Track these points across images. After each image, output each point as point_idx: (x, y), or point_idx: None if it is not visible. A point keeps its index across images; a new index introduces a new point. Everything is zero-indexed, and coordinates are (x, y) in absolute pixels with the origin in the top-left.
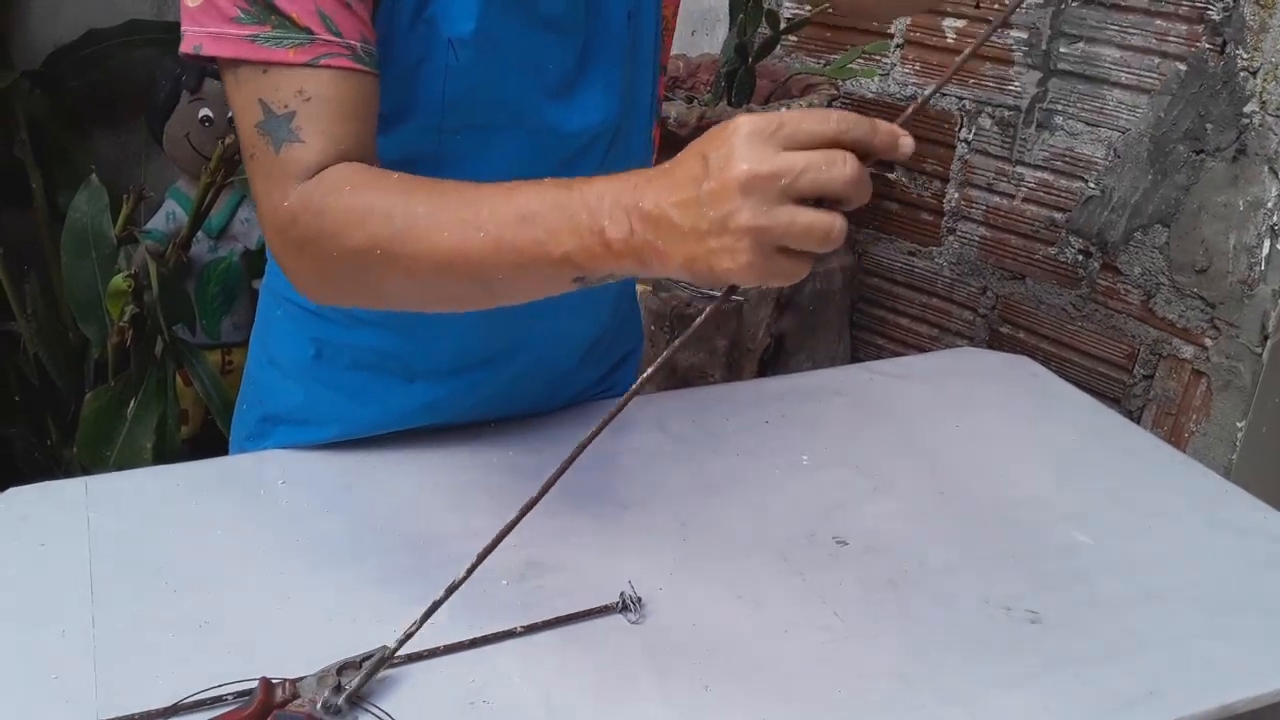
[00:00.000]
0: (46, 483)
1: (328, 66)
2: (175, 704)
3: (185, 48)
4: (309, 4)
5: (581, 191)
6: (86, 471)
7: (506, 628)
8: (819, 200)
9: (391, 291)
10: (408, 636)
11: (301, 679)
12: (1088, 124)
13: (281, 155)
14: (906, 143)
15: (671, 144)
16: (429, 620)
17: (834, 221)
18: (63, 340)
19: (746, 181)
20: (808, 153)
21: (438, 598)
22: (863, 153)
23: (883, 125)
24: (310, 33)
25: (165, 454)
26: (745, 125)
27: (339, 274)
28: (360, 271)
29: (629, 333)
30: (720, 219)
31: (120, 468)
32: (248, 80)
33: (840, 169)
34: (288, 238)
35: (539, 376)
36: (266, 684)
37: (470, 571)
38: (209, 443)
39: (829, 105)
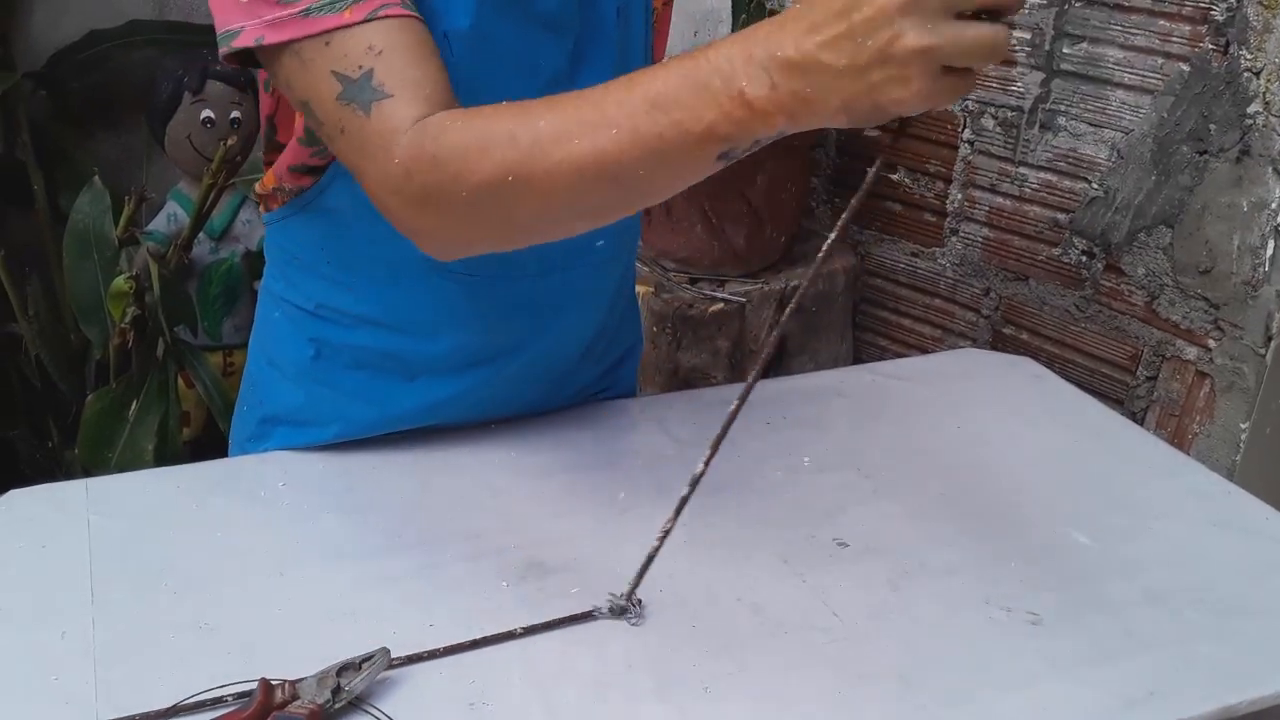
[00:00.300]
0: (47, 484)
1: (386, 17)
2: (175, 705)
3: (244, 42)
4: None
5: (708, 57)
6: (88, 473)
7: (506, 629)
8: (974, 13)
9: (528, 219)
10: (633, 588)
11: (301, 680)
12: (1091, 125)
13: (374, 116)
14: None
15: None
16: (430, 622)
17: (999, 31)
18: (64, 342)
19: (906, 1)
20: None
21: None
22: None
23: None
24: None
25: (167, 456)
26: None
27: (470, 215)
28: (493, 205)
29: (628, 330)
30: (882, 47)
31: (122, 469)
32: (313, 58)
33: None
34: (406, 196)
35: (540, 375)
36: (266, 685)
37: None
38: (210, 444)
39: None
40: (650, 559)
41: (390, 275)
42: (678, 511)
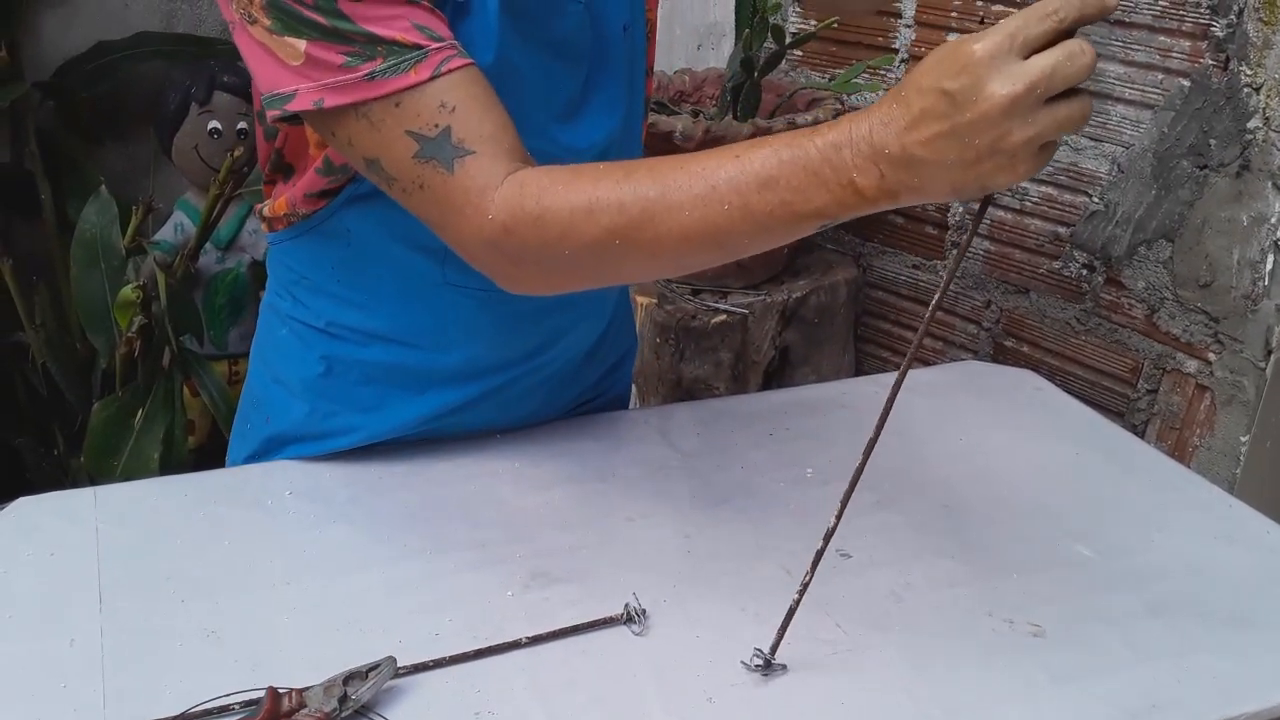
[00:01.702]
0: (56, 493)
1: (450, 71)
2: (183, 713)
3: (301, 105)
4: (404, 22)
5: (816, 145)
6: (94, 481)
7: (512, 638)
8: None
9: (625, 273)
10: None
11: (308, 689)
12: (1092, 139)
13: (459, 173)
14: (1110, 1)
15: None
16: (435, 631)
17: (1084, 103)
18: (71, 351)
19: (1009, 105)
20: (1048, 54)
21: (794, 600)
22: (1078, 28)
23: None
24: (420, 47)
25: (172, 464)
26: (981, 50)
27: (570, 269)
28: (596, 263)
29: (625, 333)
30: (990, 144)
31: (127, 477)
32: (383, 119)
33: (1080, 59)
34: (503, 251)
35: (544, 382)
36: (273, 693)
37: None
38: (215, 452)
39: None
40: (792, 612)
41: (403, 292)
42: (814, 566)
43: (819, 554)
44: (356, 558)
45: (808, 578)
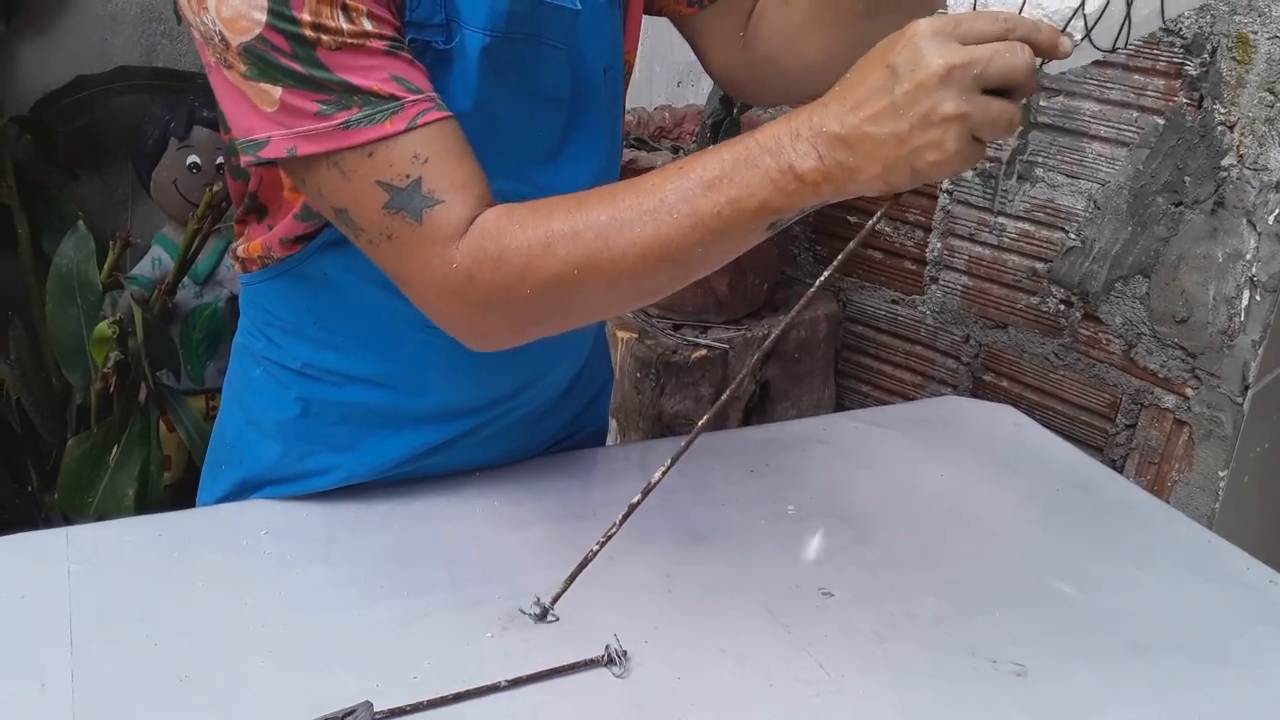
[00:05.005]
0: (27, 533)
1: (426, 123)
2: None
3: (274, 153)
4: (381, 73)
5: (756, 139)
6: (67, 518)
7: (490, 682)
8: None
9: (588, 307)
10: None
11: None
12: (1068, 176)
13: (426, 224)
14: (1065, 42)
15: None
16: (413, 674)
17: (1015, 109)
18: (46, 386)
19: (945, 74)
20: (991, 44)
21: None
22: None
23: (1044, 24)
24: (396, 98)
25: (147, 500)
26: (926, 27)
27: (533, 311)
28: (557, 298)
29: (601, 369)
30: (923, 115)
31: (102, 515)
32: (355, 169)
33: (1020, 56)
34: (468, 298)
35: (523, 421)
36: None
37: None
38: (191, 488)
39: None
40: (584, 564)
41: (381, 336)
42: (623, 518)
43: (631, 507)
44: (333, 599)
45: (613, 529)
